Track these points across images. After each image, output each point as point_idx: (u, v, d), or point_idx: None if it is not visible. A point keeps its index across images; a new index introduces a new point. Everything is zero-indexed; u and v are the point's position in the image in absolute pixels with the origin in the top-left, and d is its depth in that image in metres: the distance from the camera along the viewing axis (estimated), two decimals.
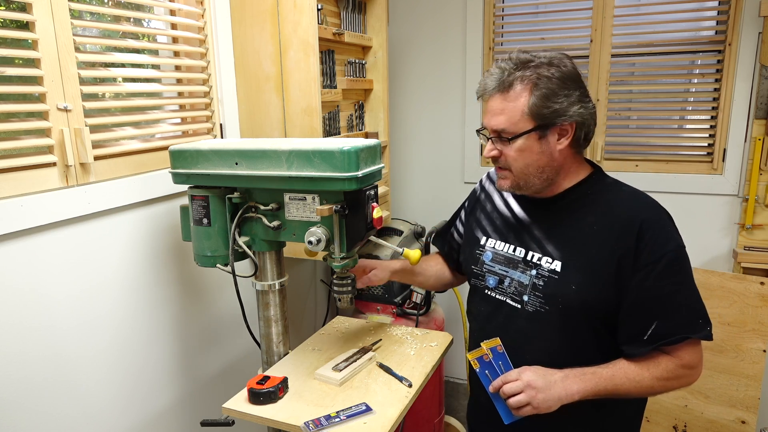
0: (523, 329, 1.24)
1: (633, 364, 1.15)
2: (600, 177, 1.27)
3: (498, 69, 1.18)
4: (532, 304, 1.23)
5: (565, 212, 1.24)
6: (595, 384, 1.12)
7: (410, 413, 1.25)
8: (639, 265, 1.13)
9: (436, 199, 2.72)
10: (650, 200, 1.20)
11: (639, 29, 2.28)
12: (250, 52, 1.74)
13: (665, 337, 1.13)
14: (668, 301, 1.13)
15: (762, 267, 2.11)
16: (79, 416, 1.33)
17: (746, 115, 2.12)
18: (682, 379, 1.16)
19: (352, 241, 1.23)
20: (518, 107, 1.14)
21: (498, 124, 1.17)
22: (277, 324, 1.40)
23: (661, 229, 1.15)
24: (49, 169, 1.24)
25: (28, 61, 1.22)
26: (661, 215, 1.17)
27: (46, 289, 1.24)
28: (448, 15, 2.51)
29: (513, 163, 1.19)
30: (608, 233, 1.16)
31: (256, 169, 1.21)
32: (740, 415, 2.02)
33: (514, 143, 1.17)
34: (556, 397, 1.11)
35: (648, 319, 1.13)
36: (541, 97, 1.13)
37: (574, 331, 1.19)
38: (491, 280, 1.32)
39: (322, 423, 1.12)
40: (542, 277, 1.22)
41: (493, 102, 1.18)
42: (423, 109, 2.65)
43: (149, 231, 1.50)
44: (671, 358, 1.14)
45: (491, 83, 1.18)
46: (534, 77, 1.14)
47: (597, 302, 1.16)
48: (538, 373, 1.13)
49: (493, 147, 1.21)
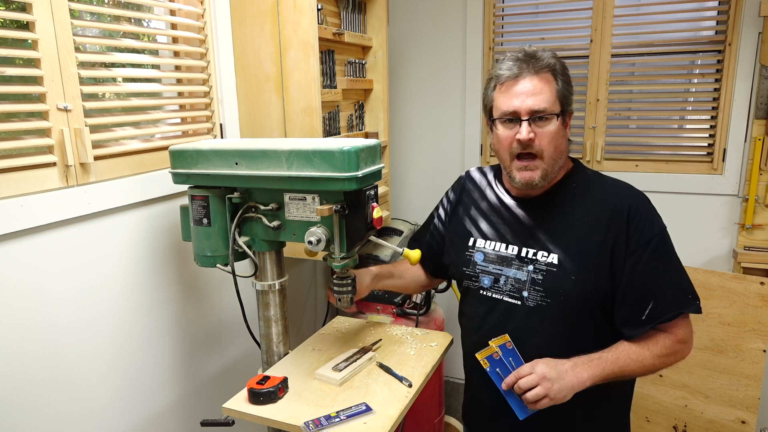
0: (521, 325, 1.25)
1: (634, 345, 1.19)
2: (581, 170, 1.33)
3: (522, 54, 1.22)
4: (533, 298, 1.25)
5: (553, 207, 1.28)
6: (603, 368, 1.16)
7: (410, 413, 1.25)
8: (630, 250, 1.18)
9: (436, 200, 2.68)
10: (631, 188, 1.26)
11: (639, 29, 2.28)
12: (250, 52, 1.74)
13: (661, 315, 1.18)
14: (660, 281, 1.19)
15: (762, 267, 2.11)
16: (79, 416, 1.33)
17: (746, 115, 2.12)
18: (678, 354, 1.21)
19: (352, 241, 1.23)
20: (552, 89, 1.20)
21: (539, 104, 1.18)
22: (277, 324, 1.40)
23: (647, 214, 1.21)
24: (49, 169, 1.24)
25: (28, 61, 1.22)
26: (644, 201, 1.23)
27: (46, 289, 1.24)
28: (448, 15, 2.51)
29: (547, 147, 1.20)
30: (598, 223, 1.21)
31: (256, 169, 1.21)
32: (740, 415, 2.02)
33: (548, 124, 1.19)
34: (569, 386, 1.13)
35: (644, 300, 1.18)
36: (563, 83, 1.22)
37: (572, 321, 1.22)
38: (486, 280, 1.33)
39: (322, 423, 1.12)
40: (540, 272, 1.24)
41: (527, 83, 1.19)
42: (423, 109, 2.65)
43: (149, 231, 1.50)
44: (667, 335, 1.19)
45: (524, 66, 1.20)
46: (558, 66, 1.22)
47: (595, 290, 1.20)
48: (549, 364, 1.15)
49: (530, 129, 1.19)
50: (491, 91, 1.26)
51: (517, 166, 1.23)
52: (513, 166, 1.24)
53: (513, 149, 1.22)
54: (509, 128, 1.21)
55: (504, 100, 1.21)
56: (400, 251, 1.35)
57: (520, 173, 1.23)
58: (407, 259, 1.35)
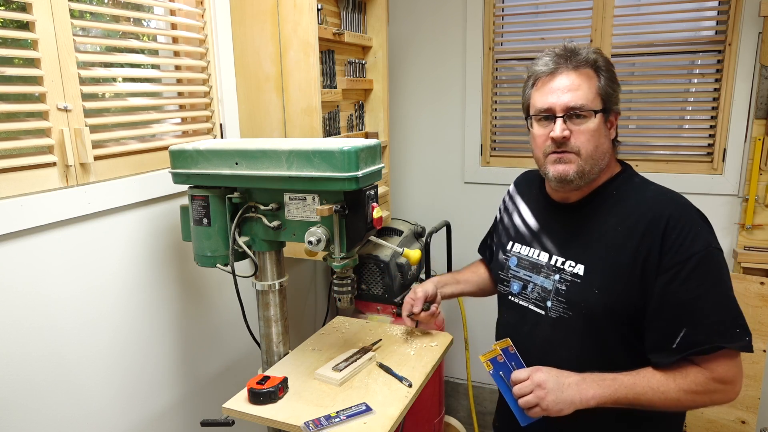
0: (548, 337, 1.20)
1: (658, 374, 1.07)
2: (628, 176, 1.22)
3: (561, 49, 1.16)
4: (555, 309, 1.19)
5: (588, 214, 1.20)
6: (614, 391, 1.07)
7: (410, 413, 1.25)
8: (664, 266, 1.07)
9: (436, 199, 2.72)
10: (679, 198, 1.14)
11: (639, 29, 2.28)
12: (250, 52, 1.74)
13: (695, 346, 1.04)
14: (697, 306, 1.05)
15: (762, 267, 2.11)
16: (79, 416, 1.33)
17: (746, 115, 2.12)
18: (716, 395, 1.07)
19: (352, 241, 1.23)
20: (592, 85, 1.13)
21: (576, 100, 1.11)
22: (277, 324, 1.40)
23: (690, 228, 1.07)
24: (49, 169, 1.24)
25: (28, 61, 1.22)
26: (690, 213, 1.11)
27: (46, 289, 1.24)
28: (448, 15, 2.51)
29: (585, 145, 1.12)
30: (632, 234, 1.11)
31: (256, 169, 1.21)
32: (740, 415, 2.02)
33: (586, 121, 1.12)
34: (568, 400, 1.06)
35: (675, 325, 1.06)
36: (606, 79, 1.14)
37: (600, 337, 1.14)
38: (515, 285, 1.30)
39: (322, 423, 1.12)
40: (565, 282, 1.18)
41: (564, 78, 1.13)
42: (423, 109, 2.65)
43: (149, 231, 1.50)
44: (701, 370, 1.06)
45: (561, 61, 1.14)
46: (601, 61, 1.15)
47: (621, 306, 1.11)
48: (550, 373, 1.09)
49: (565, 126, 1.12)
50: (529, 89, 1.20)
51: (552, 159, 1.15)
52: (547, 161, 1.16)
53: (546, 147, 1.16)
54: (544, 126, 1.16)
55: (539, 97, 1.16)
56: (400, 251, 1.36)
57: (554, 167, 1.15)
58: (407, 258, 1.35)
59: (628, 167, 1.24)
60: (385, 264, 2.19)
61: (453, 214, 2.64)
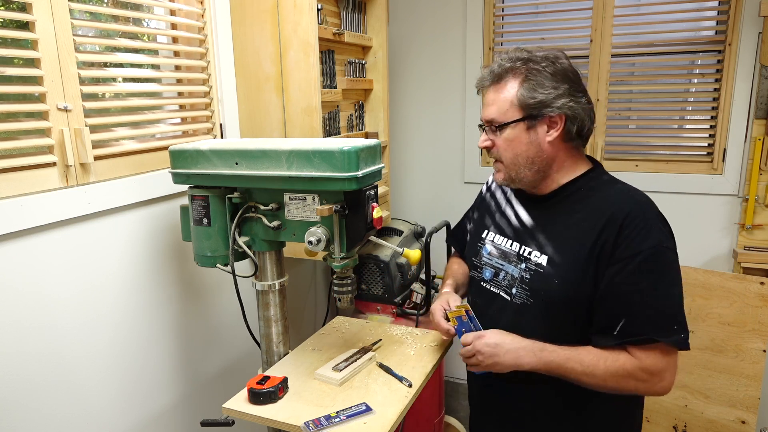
0: (513, 322, 1.26)
1: (593, 353, 1.14)
2: (597, 174, 1.27)
3: (495, 64, 1.24)
4: (519, 296, 1.26)
5: (558, 208, 1.26)
6: (548, 362, 1.16)
7: (410, 413, 1.25)
8: (615, 258, 1.13)
9: (436, 199, 2.72)
10: (641, 197, 1.19)
11: (639, 29, 2.28)
12: (250, 52, 1.74)
13: (631, 336, 1.12)
14: (638, 300, 1.12)
15: (762, 267, 2.11)
16: (79, 416, 1.33)
17: (746, 115, 2.12)
18: (641, 384, 1.13)
19: (352, 241, 1.23)
20: (508, 97, 1.20)
21: (489, 114, 1.23)
22: (277, 324, 1.40)
23: (643, 225, 1.13)
24: (49, 169, 1.24)
25: (28, 61, 1.22)
26: (647, 212, 1.16)
27: (46, 289, 1.24)
28: (448, 15, 2.51)
29: (503, 153, 1.24)
30: (593, 228, 1.17)
31: (256, 169, 1.21)
32: (740, 415, 2.02)
33: (503, 132, 1.22)
34: (504, 364, 1.19)
35: (616, 314, 1.13)
36: (528, 88, 1.18)
37: (558, 323, 1.21)
38: (487, 272, 1.35)
39: (322, 423, 1.12)
40: (529, 271, 1.24)
41: (487, 94, 1.25)
42: (423, 109, 2.65)
43: (149, 231, 1.50)
44: (632, 359, 1.12)
45: (487, 77, 1.25)
46: (524, 69, 1.19)
47: (578, 296, 1.17)
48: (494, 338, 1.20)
49: (486, 137, 1.26)
50: None
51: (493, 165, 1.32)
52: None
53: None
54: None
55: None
56: (400, 251, 1.36)
57: (494, 174, 1.32)
58: (407, 258, 1.35)
59: (598, 165, 1.30)
60: (385, 264, 2.19)
61: (453, 214, 2.63)
